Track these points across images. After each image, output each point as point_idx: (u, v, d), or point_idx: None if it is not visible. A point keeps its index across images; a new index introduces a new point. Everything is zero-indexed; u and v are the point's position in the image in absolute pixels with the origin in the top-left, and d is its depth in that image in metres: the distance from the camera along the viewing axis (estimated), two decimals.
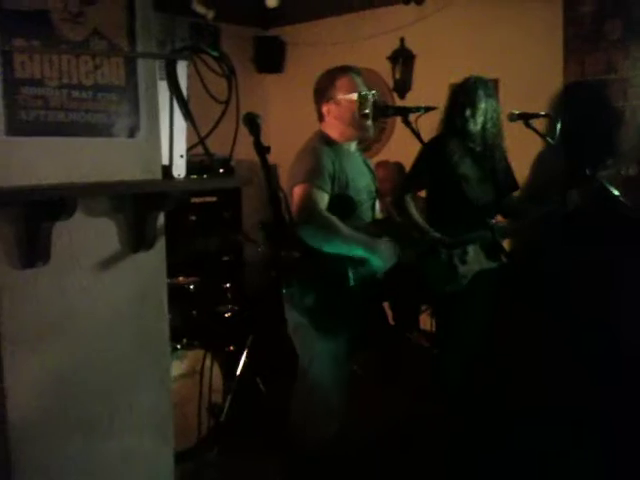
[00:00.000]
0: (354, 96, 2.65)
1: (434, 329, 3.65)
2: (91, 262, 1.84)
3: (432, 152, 3.16)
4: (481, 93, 3.17)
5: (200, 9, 4.19)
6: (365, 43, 5.16)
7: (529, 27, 4.38)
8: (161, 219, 1.98)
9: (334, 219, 2.51)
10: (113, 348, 1.90)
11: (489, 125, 3.18)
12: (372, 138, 2.99)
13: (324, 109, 2.71)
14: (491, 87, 3.28)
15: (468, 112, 3.16)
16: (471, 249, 3.09)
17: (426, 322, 4.39)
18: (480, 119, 3.17)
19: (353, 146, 2.77)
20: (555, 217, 3.21)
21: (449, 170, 3.12)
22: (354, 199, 2.64)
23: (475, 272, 3.09)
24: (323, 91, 2.72)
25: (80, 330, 1.82)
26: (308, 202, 2.50)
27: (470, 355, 3.18)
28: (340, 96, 2.67)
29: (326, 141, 2.67)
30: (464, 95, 3.20)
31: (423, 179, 3.30)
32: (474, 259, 3.10)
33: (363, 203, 2.70)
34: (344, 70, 2.71)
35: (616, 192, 2.96)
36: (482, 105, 3.16)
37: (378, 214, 2.88)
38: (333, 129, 2.71)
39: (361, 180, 2.71)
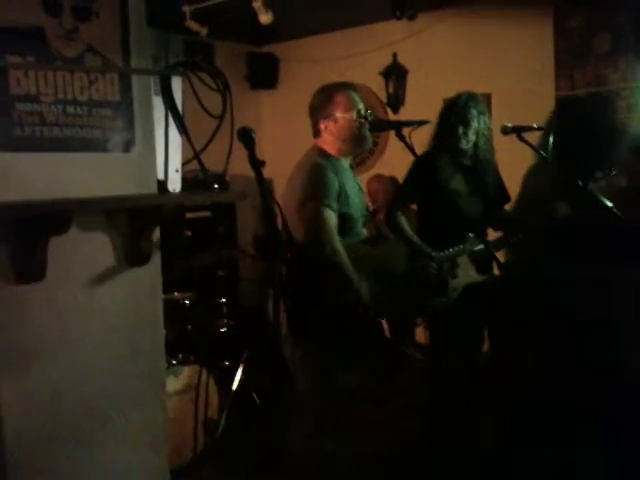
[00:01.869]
0: (353, 114, 2.66)
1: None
2: (86, 277, 1.83)
3: (423, 167, 3.19)
4: (473, 111, 3.19)
5: (193, 26, 4.21)
6: (358, 59, 5.20)
7: (520, 42, 4.44)
8: (156, 234, 1.98)
9: (340, 247, 2.51)
10: (108, 363, 1.89)
11: (481, 142, 3.20)
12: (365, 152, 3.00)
13: (321, 125, 2.70)
14: (483, 103, 3.30)
15: (460, 130, 3.18)
16: (461, 262, 3.11)
17: (421, 335, 4.38)
18: (472, 137, 3.19)
19: (347, 162, 2.78)
20: (549, 229, 3.23)
21: (440, 185, 3.14)
22: (353, 216, 2.66)
23: (465, 285, 3.11)
24: (320, 108, 2.71)
25: (75, 345, 1.81)
26: (319, 223, 2.51)
27: (461, 367, 3.18)
28: (338, 114, 2.67)
29: (325, 157, 2.67)
30: (456, 113, 3.21)
31: (414, 194, 3.33)
32: (464, 272, 3.11)
33: (359, 220, 2.71)
34: (342, 87, 2.72)
35: (609, 203, 2.98)
36: (474, 124, 3.18)
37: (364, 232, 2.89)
38: (329, 145, 2.70)
39: (356, 197, 2.72)
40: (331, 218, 2.54)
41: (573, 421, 3.13)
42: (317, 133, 2.74)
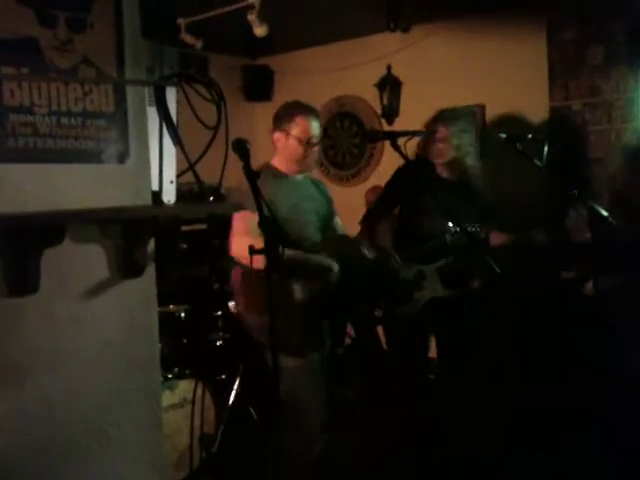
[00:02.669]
0: (303, 140, 2.85)
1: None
2: (80, 289, 1.82)
3: (400, 177, 3.36)
4: (454, 130, 3.32)
5: (189, 39, 4.23)
6: (352, 71, 5.22)
7: (514, 53, 4.46)
8: (151, 245, 1.96)
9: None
10: (103, 377, 1.86)
11: (462, 159, 3.36)
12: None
13: (275, 136, 2.91)
14: (469, 120, 3.39)
15: (440, 145, 3.29)
16: (428, 275, 3.19)
17: None
18: (452, 154, 3.31)
19: (299, 176, 2.96)
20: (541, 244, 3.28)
21: (417, 196, 3.28)
22: (299, 221, 2.82)
23: (429, 298, 3.19)
24: (281, 120, 2.92)
25: (69, 358, 1.79)
26: (238, 228, 2.79)
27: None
28: (292, 134, 2.86)
29: (272, 173, 2.87)
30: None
31: (390, 202, 3.45)
32: (430, 285, 3.20)
33: (310, 224, 2.87)
34: (305, 111, 2.89)
35: (604, 213, 2.98)
36: (455, 142, 3.30)
37: (341, 231, 3.07)
38: (277, 160, 2.93)
39: (307, 203, 2.90)
40: (248, 219, 2.69)
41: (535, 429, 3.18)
42: (273, 144, 2.95)
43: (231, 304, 3.21)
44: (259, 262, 2.15)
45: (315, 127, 2.89)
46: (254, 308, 2.76)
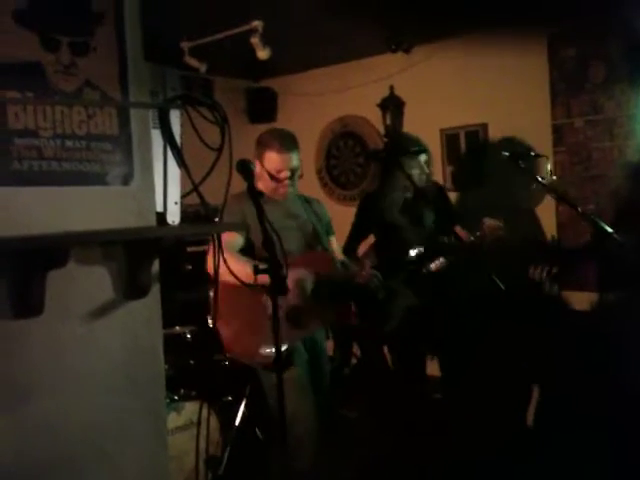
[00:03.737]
0: (272, 173, 2.90)
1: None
2: (84, 311, 1.82)
3: (367, 202, 3.60)
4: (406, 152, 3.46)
5: (193, 62, 4.27)
6: (355, 91, 5.26)
7: (515, 72, 4.48)
8: (155, 266, 1.97)
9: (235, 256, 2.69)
10: (106, 397, 1.86)
11: (416, 179, 3.45)
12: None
13: (255, 162, 2.88)
14: (418, 143, 3.55)
15: (397, 171, 3.47)
16: (398, 289, 3.30)
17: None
18: (410, 172, 3.45)
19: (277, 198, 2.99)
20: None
21: (383, 219, 3.47)
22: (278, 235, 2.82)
23: (405, 307, 3.31)
24: (256, 149, 2.95)
25: (73, 380, 1.78)
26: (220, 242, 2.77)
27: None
28: (264, 165, 2.91)
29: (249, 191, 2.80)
30: (391, 154, 3.58)
31: (362, 229, 3.63)
32: (401, 297, 3.30)
33: (291, 241, 2.85)
34: (277, 144, 2.89)
35: (609, 229, 2.97)
36: (407, 161, 3.44)
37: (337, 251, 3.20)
38: (261, 184, 2.93)
39: (287, 221, 2.95)
40: (230, 237, 2.76)
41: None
42: None
43: (209, 320, 3.27)
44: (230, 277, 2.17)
45: (288, 160, 2.90)
46: (225, 322, 2.83)
